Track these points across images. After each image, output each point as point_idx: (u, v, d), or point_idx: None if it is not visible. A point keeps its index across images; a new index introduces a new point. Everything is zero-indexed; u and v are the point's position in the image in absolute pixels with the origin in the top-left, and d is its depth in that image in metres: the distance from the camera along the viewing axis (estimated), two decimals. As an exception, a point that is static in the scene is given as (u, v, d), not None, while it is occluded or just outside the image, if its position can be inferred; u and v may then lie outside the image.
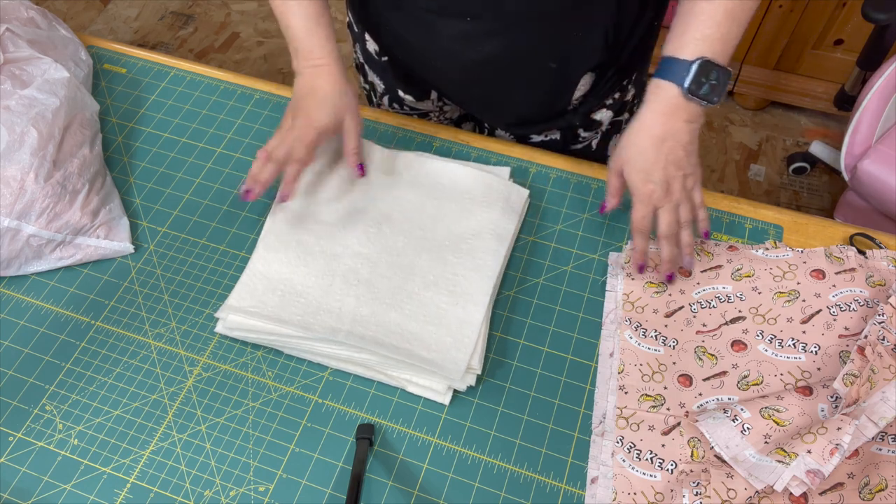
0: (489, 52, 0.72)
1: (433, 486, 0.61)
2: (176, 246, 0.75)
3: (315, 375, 0.66)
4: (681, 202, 0.65)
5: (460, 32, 0.71)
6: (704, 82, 0.61)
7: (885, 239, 0.71)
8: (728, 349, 0.64)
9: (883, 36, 1.33)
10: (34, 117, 0.72)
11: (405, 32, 0.77)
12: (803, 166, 1.75)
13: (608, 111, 0.83)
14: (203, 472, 0.62)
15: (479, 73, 0.76)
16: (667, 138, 0.63)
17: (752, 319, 0.66)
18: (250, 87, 0.88)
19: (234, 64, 2.08)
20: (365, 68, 0.91)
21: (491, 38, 0.71)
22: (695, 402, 0.62)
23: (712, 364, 0.64)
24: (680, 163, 0.64)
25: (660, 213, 0.65)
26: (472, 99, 0.84)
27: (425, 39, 0.75)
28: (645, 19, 0.76)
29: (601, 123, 0.84)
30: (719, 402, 0.61)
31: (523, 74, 0.76)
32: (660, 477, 0.58)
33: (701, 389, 0.62)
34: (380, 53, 0.85)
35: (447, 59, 0.76)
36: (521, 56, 0.73)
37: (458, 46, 0.72)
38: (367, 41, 0.85)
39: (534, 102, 0.80)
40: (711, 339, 0.65)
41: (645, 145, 0.64)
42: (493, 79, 0.77)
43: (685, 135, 0.63)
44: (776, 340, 0.64)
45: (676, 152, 0.63)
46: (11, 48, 0.78)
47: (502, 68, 0.75)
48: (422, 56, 0.79)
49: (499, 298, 0.71)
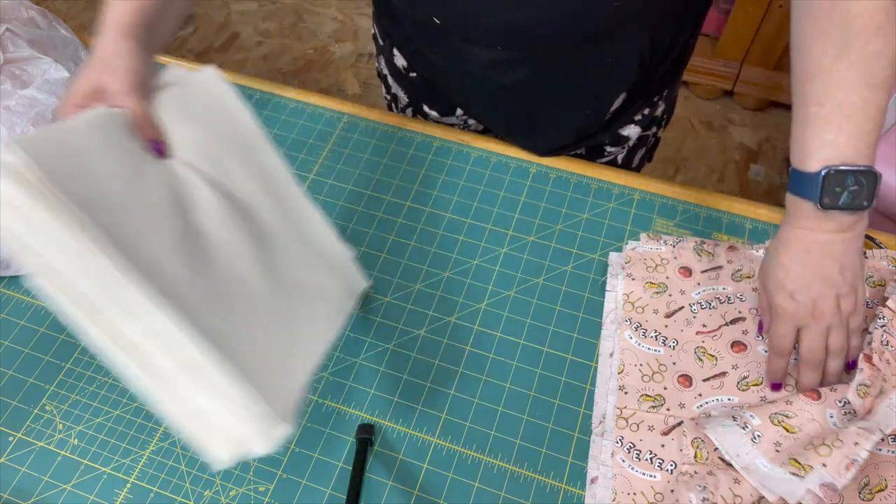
0: (518, 79, 0.70)
1: (433, 486, 0.61)
2: (176, 246, 0.75)
3: (315, 375, 0.67)
4: (833, 326, 0.56)
5: (489, 60, 0.69)
6: (840, 192, 0.53)
7: (885, 239, 0.71)
8: (728, 350, 0.64)
9: (883, 36, 1.32)
10: (34, 117, 0.72)
11: (432, 55, 0.75)
12: (803, 166, 1.75)
13: (637, 127, 0.82)
14: (203, 472, 0.62)
15: (507, 98, 0.74)
16: (812, 250, 0.55)
17: (752, 320, 0.66)
18: (250, 87, 0.88)
19: (234, 64, 2.08)
20: (388, 80, 0.89)
21: (521, 65, 0.69)
22: (695, 402, 0.62)
23: (712, 365, 0.64)
24: (831, 279, 0.55)
25: (803, 334, 0.57)
26: (500, 122, 0.82)
27: (453, 63, 0.73)
28: (681, 40, 0.74)
29: (628, 139, 0.83)
30: (721, 404, 0.61)
31: (553, 100, 0.74)
32: (659, 477, 0.58)
33: (701, 390, 0.62)
34: (408, 69, 0.84)
35: (475, 83, 0.74)
36: (552, 82, 0.71)
37: (487, 72, 0.71)
38: (396, 56, 0.84)
39: (564, 126, 0.78)
40: (711, 339, 0.65)
41: (786, 259, 0.56)
42: (522, 104, 0.75)
43: (836, 245, 0.55)
44: None
45: (825, 266, 0.55)
46: (11, 48, 0.78)
47: (532, 94, 0.73)
48: (449, 78, 0.78)
49: (498, 298, 0.71)
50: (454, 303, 0.71)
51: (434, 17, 0.67)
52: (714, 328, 0.66)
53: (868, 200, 0.53)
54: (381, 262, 0.73)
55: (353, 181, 0.80)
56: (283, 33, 2.19)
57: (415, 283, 0.72)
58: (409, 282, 0.72)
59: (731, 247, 0.71)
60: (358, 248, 0.74)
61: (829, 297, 0.56)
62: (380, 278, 0.72)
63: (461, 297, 0.71)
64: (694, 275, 0.69)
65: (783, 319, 0.58)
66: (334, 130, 0.84)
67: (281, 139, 0.83)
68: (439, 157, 0.81)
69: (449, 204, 0.77)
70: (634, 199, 0.77)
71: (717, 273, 0.69)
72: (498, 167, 0.80)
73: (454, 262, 0.73)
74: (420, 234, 0.75)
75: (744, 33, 1.72)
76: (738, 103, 1.92)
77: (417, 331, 0.69)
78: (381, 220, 0.76)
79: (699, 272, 0.69)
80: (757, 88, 1.84)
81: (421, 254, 0.74)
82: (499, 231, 0.75)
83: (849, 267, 0.56)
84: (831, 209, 0.53)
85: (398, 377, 0.66)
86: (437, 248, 0.74)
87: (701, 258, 0.70)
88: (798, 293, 0.56)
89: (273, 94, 0.88)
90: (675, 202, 0.77)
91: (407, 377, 0.66)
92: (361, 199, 0.78)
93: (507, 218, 0.76)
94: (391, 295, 0.71)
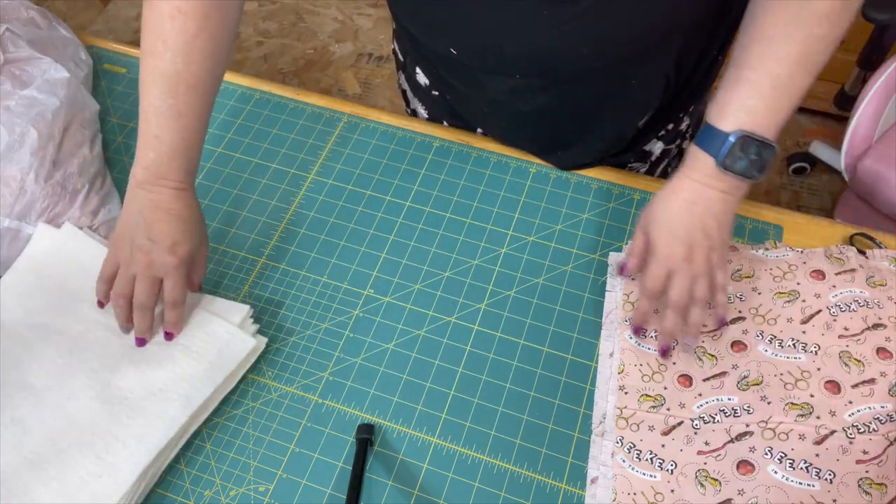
0: (540, 105, 0.69)
1: (433, 486, 0.61)
2: (176, 246, 0.75)
3: (315, 375, 0.67)
4: (700, 275, 0.60)
5: (509, 88, 0.68)
6: (742, 157, 0.56)
7: (886, 239, 0.71)
8: (728, 350, 0.64)
9: (883, 36, 1.33)
10: (34, 117, 0.72)
11: (452, 79, 0.74)
12: (803, 166, 1.75)
13: (659, 142, 0.81)
14: (203, 472, 0.62)
15: (529, 122, 0.73)
16: (698, 202, 0.59)
17: (752, 320, 0.66)
18: (250, 87, 0.88)
19: (234, 64, 2.08)
20: (408, 94, 0.89)
21: (542, 92, 0.68)
22: (695, 402, 0.62)
23: (712, 364, 0.64)
24: (709, 232, 0.59)
25: (674, 278, 0.60)
26: (523, 142, 0.80)
27: (473, 89, 0.72)
28: (709, 57, 0.73)
29: (651, 154, 0.82)
30: (721, 404, 0.61)
31: (577, 124, 0.73)
32: (659, 477, 0.58)
33: (701, 390, 0.62)
34: (430, 87, 0.83)
35: (496, 108, 0.74)
36: (574, 107, 0.70)
37: (508, 99, 0.70)
38: (418, 74, 0.83)
39: (587, 147, 0.77)
40: (711, 339, 0.65)
41: (674, 206, 0.60)
42: (544, 127, 0.74)
43: (718, 204, 0.59)
44: (776, 341, 0.64)
45: (706, 220, 0.59)
46: (11, 48, 0.78)
47: (554, 118, 0.72)
48: (470, 103, 0.78)
49: (498, 298, 0.71)
50: (454, 303, 0.71)
51: (451, 49, 0.66)
52: (714, 328, 0.66)
53: (760, 172, 0.57)
54: (382, 262, 0.73)
55: (353, 181, 0.80)
56: (283, 33, 2.19)
57: (415, 283, 0.72)
58: (409, 282, 0.72)
59: (732, 247, 0.71)
60: (358, 247, 0.74)
61: (703, 248, 0.59)
62: (380, 278, 0.72)
63: (461, 297, 0.71)
64: None
65: (661, 261, 0.60)
66: (334, 130, 0.84)
67: (281, 139, 0.83)
68: (439, 157, 0.81)
69: (449, 204, 0.77)
70: (634, 199, 0.77)
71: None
72: (498, 167, 0.80)
73: (454, 262, 0.73)
74: (420, 234, 0.75)
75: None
76: (738, 103, 1.92)
77: (417, 331, 0.69)
78: (381, 220, 0.76)
79: None
80: (757, 88, 1.83)
81: (421, 254, 0.74)
82: (499, 231, 0.75)
83: (725, 225, 0.60)
84: (727, 171, 0.57)
85: (398, 377, 0.66)
86: (437, 248, 0.74)
87: None
88: (680, 239, 0.59)
89: (273, 94, 0.88)
90: (675, 202, 0.77)
91: (407, 377, 0.66)
92: (361, 199, 0.78)
93: (507, 218, 0.76)
94: (391, 295, 0.71)
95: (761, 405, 0.60)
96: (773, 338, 0.64)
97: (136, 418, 0.60)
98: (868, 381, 0.61)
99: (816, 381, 0.61)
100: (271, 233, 0.76)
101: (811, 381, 0.62)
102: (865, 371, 0.61)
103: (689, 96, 0.77)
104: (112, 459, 0.58)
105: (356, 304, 0.71)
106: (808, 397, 0.60)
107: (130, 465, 0.58)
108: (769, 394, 0.61)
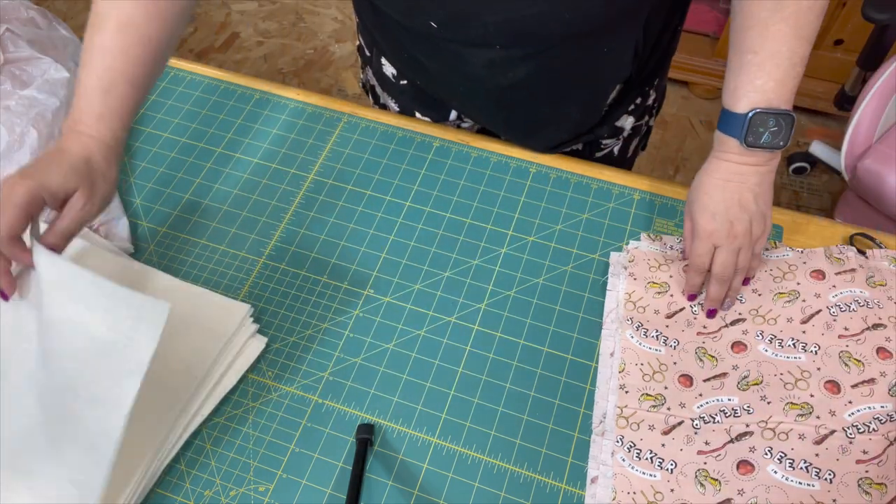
0: (517, 77, 0.70)
1: (433, 486, 0.61)
2: (176, 246, 0.75)
3: (315, 375, 0.67)
4: (742, 246, 0.64)
5: (487, 60, 0.69)
6: (763, 131, 0.61)
7: (885, 239, 0.71)
8: (728, 351, 0.64)
9: (883, 36, 1.33)
10: (34, 117, 0.72)
11: (425, 59, 0.75)
12: (803, 166, 1.75)
13: (630, 116, 0.83)
14: (203, 472, 0.62)
15: (506, 97, 0.74)
16: (732, 179, 0.63)
17: (752, 321, 0.66)
18: (250, 87, 0.88)
19: (234, 64, 2.08)
20: (376, 90, 0.89)
21: (520, 64, 0.69)
22: (695, 402, 0.62)
23: (713, 365, 0.64)
24: (746, 205, 0.63)
25: (717, 253, 0.64)
26: (499, 122, 0.82)
27: (448, 67, 0.73)
28: (670, 27, 0.75)
29: (623, 129, 0.84)
30: (721, 404, 0.61)
31: (553, 96, 0.74)
32: (659, 476, 0.58)
33: (701, 390, 0.62)
34: (398, 77, 0.84)
35: (472, 85, 0.74)
36: (551, 79, 0.72)
37: (486, 73, 0.71)
38: (384, 65, 0.83)
39: (563, 123, 0.79)
40: (712, 340, 0.65)
41: (710, 187, 0.64)
42: (521, 102, 0.75)
43: (752, 177, 0.63)
44: (776, 340, 0.64)
45: (743, 193, 0.63)
46: (11, 48, 0.78)
47: (531, 92, 0.73)
48: (444, 83, 0.78)
49: (498, 298, 0.71)
50: (454, 303, 0.71)
51: (431, 23, 0.67)
52: (714, 329, 0.66)
53: (784, 140, 0.61)
54: (382, 262, 0.73)
55: (353, 181, 0.80)
56: (283, 33, 2.19)
57: (415, 283, 0.72)
58: (409, 282, 0.72)
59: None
60: (358, 248, 0.74)
61: (744, 221, 0.63)
62: (380, 278, 0.72)
63: (461, 297, 0.71)
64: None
65: (704, 238, 0.64)
66: (334, 130, 0.84)
67: (281, 139, 0.83)
68: (439, 157, 0.81)
69: (449, 204, 0.77)
70: (634, 199, 0.77)
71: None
72: (498, 167, 0.80)
73: (454, 262, 0.73)
74: (420, 234, 0.75)
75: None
76: (738, 103, 1.92)
77: (417, 331, 0.69)
78: (381, 219, 0.76)
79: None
80: (757, 88, 1.84)
81: (421, 254, 0.74)
82: (499, 231, 0.75)
83: (762, 196, 0.63)
84: (753, 147, 0.61)
85: (398, 377, 0.66)
86: (437, 248, 0.74)
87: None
88: (719, 215, 0.63)
89: (273, 94, 0.88)
90: (675, 202, 0.77)
91: (407, 377, 0.66)
92: (361, 199, 0.78)
93: (507, 218, 0.76)
94: (391, 295, 0.71)
95: (761, 405, 0.61)
96: (773, 338, 0.64)
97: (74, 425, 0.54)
98: (868, 381, 0.61)
99: (816, 381, 0.61)
100: (271, 233, 0.76)
101: (811, 381, 0.62)
102: (865, 371, 0.61)
103: (654, 68, 0.79)
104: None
105: (356, 304, 0.71)
106: (808, 397, 0.61)
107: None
108: (769, 394, 0.61)
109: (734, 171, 0.63)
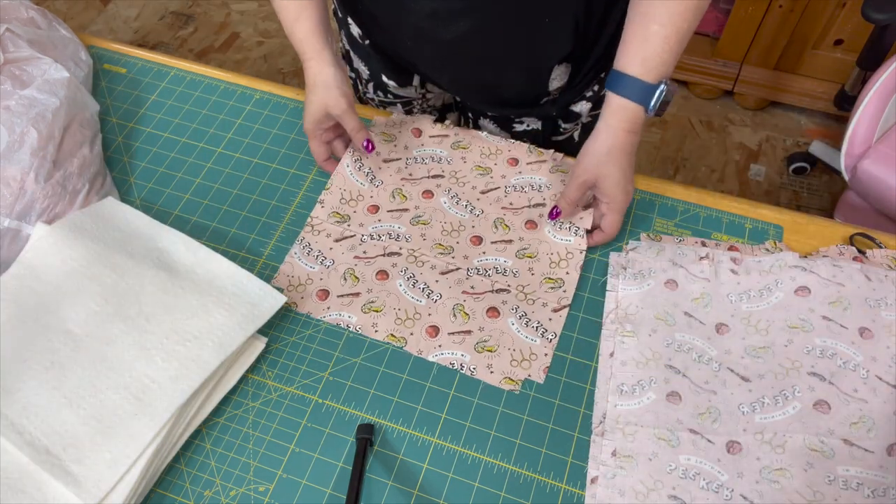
0: (459, 32, 0.72)
1: (433, 486, 0.61)
2: (176, 246, 0.75)
3: (315, 375, 0.67)
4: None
5: (430, 11, 0.71)
6: (659, 101, 0.66)
7: (885, 239, 0.71)
8: (420, 197, 0.77)
9: (883, 36, 1.33)
10: (34, 117, 0.72)
11: (376, 11, 0.78)
12: (803, 166, 1.75)
13: (587, 103, 0.85)
14: (203, 472, 0.62)
15: (450, 52, 0.77)
16: (631, 152, 0.68)
17: (447, 178, 0.78)
18: (250, 87, 0.88)
19: (234, 64, 2.08)
20: (350, 55, 0.92)
21: (460, 17, 0.71)
22: (371, 224, 0.62)
23: (402, 202, 0.71)
24: (627, 170, 0.69)
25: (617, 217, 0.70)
26: (448, 79, 0.84)
27: (396, 18, 0.76)
28: (616, 12, 0.76)
29: (580, 115, 0.86)
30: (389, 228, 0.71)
31: (494, 55, 0.77)
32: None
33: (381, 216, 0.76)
34: (363, 37, 0.86)
35: (418, 38, 0.77)
36: (491, 36, 0.74)
37: (428, 25, 0.73)
38: (351, 25, 0.86)
39: (508, 85, 0.82)
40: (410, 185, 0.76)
41: (621, 161, 0.68)
42: (465, 59, 0.78)
43: (636, 145, 0.69)
44: (455, 198, 0.76)
45: (632, 162, 0.69)
46: (11, 48, 0.78)
47: (473, 48, 0.75)
48: (394, 36, 0.80)
49: (499, 298, 0.70)
50: (454, 303, 0.70)
51: None
52: (418, 177, 0.76)
53: (664, 110, 0.68)
54: (381, 262, 0.73)
55: (353, 181, 0.79)
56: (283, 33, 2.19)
57: (415, 283, 0.72)
58: (409, 282, 0.72)
59: (733, 247, 0.71)
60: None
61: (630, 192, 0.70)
62: (380, 278, 0.72)
63: (461, 297, 0.71)
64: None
65: (621, 210, 0.70)
66: (334, 130, 0.84)
67: (281, 139, 0.83)
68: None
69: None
70: (634, 199, 0.77)
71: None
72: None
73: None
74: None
75: (744, 33, 1.71)
76: (737, 103, 1.92)
77: (417, 331, 0.69)
78: (381, 220, 0.76)
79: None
80: (757, 88, 1.84)
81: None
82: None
83: (633, 156, 0.69)
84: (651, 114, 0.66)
85: (398, 377, 0.66)
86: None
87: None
88: (629, 187, 0.69)
89: (273, 94, 0.88)
90: (675, 202, 0.77)
91: (407, 377, 0.66)
92: (361, 199, 0.78)
93: (507, 218, 0.76)
94: (391, 295, 0.71)
95: (419, 239, 0.73)
96: (456, 196, 0.76)
97: (171, 361, 0.62)
98: (505, 241, 0.73)
99: (467, 234, 0.74)
100: (271, 233, 0.76)
101: (463, 233, 0.74)
102: (508, 235, 0.73)
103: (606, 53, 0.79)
104: (148, 399, 0.61)
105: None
106: (455, 243, 0.73)
107: (165, 403, 0.60)
108: (427, 233, 0.73)
109: (632, 143, 0.68)
